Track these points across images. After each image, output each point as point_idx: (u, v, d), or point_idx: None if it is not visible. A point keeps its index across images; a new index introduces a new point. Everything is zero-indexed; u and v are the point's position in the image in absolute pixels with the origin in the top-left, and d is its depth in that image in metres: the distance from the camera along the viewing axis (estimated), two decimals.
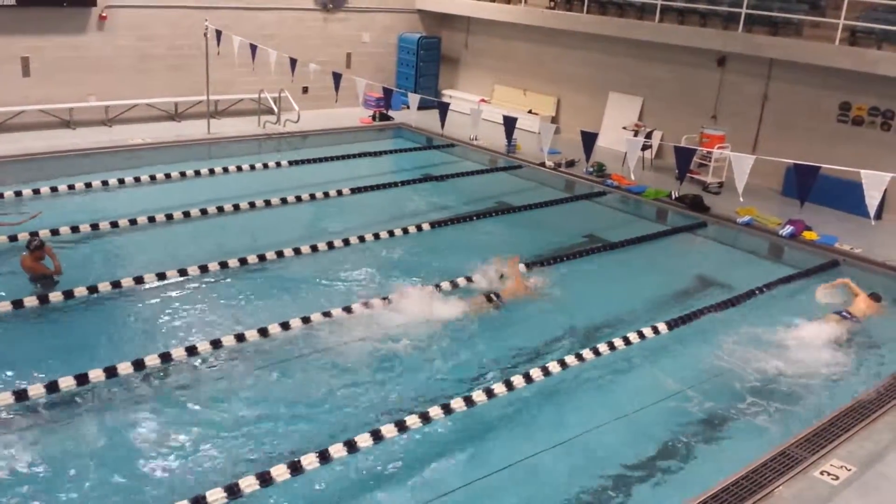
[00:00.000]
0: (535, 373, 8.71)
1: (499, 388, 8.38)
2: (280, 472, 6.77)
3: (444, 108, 15.10)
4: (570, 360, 9.09)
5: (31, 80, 16.95)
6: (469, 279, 10.98)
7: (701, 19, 17.08)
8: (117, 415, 7.65)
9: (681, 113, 17.81)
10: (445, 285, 10.72)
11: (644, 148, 15.14)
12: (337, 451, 7.11)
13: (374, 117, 20.08)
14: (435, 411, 7.86)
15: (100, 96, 17.81)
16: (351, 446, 7.19)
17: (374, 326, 9.48)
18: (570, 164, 17.09)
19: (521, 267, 11.25)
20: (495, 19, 20.87)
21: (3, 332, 9.03)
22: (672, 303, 11.11)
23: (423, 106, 15.50)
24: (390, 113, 20.21)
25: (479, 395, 8.22)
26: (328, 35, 20.90)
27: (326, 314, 9.63)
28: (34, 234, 10.86)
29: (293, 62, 16.11)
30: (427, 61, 22.07)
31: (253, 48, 16.25)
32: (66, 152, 15.44)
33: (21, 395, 7.59)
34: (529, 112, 20.39)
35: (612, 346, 9.47)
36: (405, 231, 12.77)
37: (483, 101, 21.35)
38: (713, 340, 9.91)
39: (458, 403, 8.02)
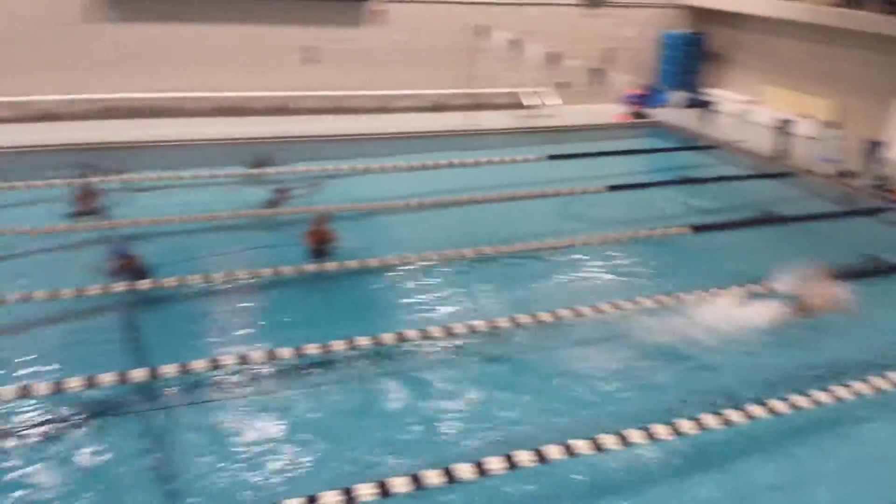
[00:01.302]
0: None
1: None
2: (525, 457, 6.79)
3: (707, 108, 14.46)
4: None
5: (315, 69, 18.42)
6: (763, 286, 10.28)
7: None
8: (376, 379, 8.16)
9: None
10: (735, 291, 10.15)
11: None
12: (611, 441, 7.04)
13: (631, 114, 19.71)
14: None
15: (372, 86, 19.00)
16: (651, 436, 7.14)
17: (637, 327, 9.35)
18: (849, 174, 15.66)
19: (829, 280, 10.36)
20: (769, 16, 19.64)
21: (283, 293, 9.95)
22: None
23: (684, 105, 14.94)
24: (648, 111, 19.72)
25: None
26: (590, 30, 20.76)
27: (575, 311, 9.57)
28: (320, 212, 11.74)
29: (554, 57, 16.18)
30: (690, 58, 21.24)
31: (518, 43, 16.54)
32: (339, 137, 16.63)
33: (301, 353, 8.28)
34: (805, 116, 18.97)
35: None
36: (662, 233, 12.39)
37: (751, 101, 20.18)
38: None
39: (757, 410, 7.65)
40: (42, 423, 7.22)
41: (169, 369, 7.72)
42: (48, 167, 12.98)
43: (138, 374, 7.64)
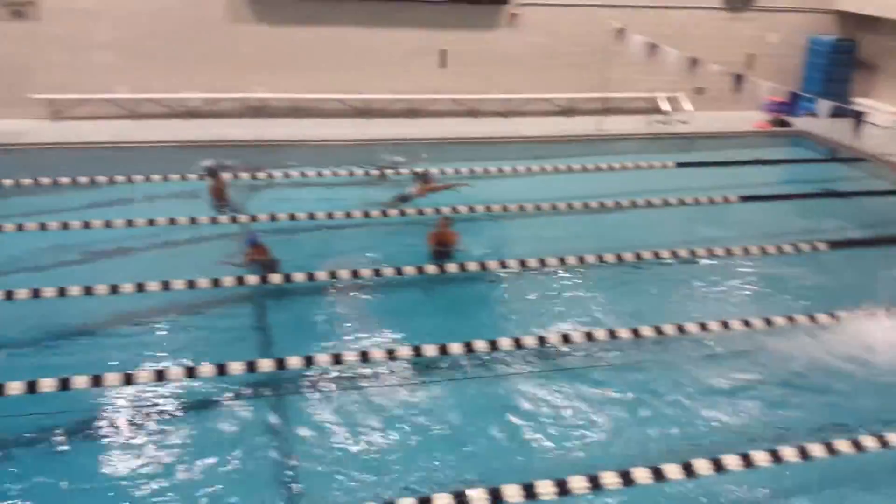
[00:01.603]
0: None
1: None
2: (642, 475, 6.65)
3: (858, 118, 13.65)
4: None
5: (446, 72, 18.65)
6: None
7: None
8: (490, 384, 8.17)
9: None
10: (874, 313, 9.56)
11: None
12: (762, 458, 6.85)
13: (771, 123, 18.87)
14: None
15: (503, 89, 19.04)
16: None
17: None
18: None
19: None
20: None
21: (404, 293, 10.12)
22: None
23: (832, 114, 14.16)
24: (791, 119, 18.83)
25: None
26: (731, 35, 20.02)
27: (700, 325, 9.27)
28: (444, 215, 11.83)
29: (693, 62, 15.71)
30: (838, 66, 20.12)
31: (653, 47, 16.16)
32: (469, 139, 16.76)
33: (417, 352, 8.41)
34: None
35: None
36: (797, 248, 11.81)
37: None
38: None
39: None
40: (174, 407, 7.61)
41: (294, 361, 8.01)
42: (191, 162, 13.72)
43: (265, 364, 7.97)
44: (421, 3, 17.94)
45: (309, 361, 8.08)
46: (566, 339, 8.87)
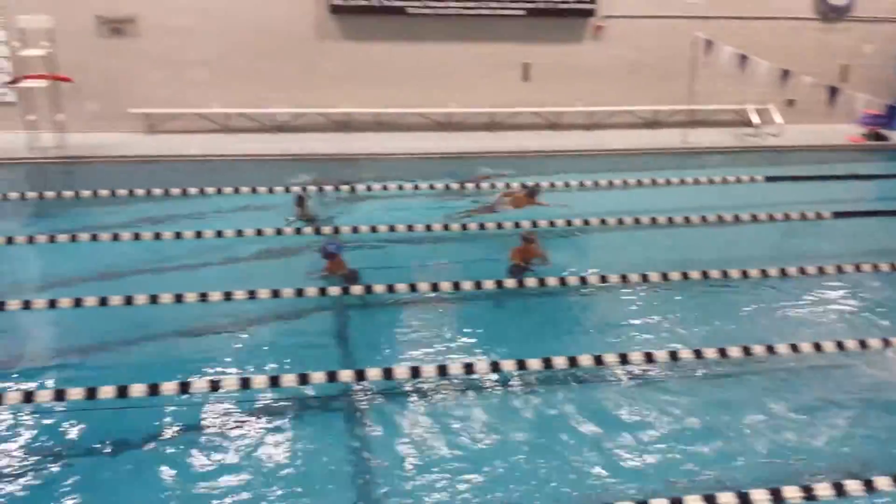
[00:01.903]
0: None
1: None
2: (727, 500, 6.46)
3: None
4: None
5: (529, 85, 18.65)
6: None
7: None
8: (568, 401, 8.07)
9: None
10: None
11: None
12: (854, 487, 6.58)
13: (866, 136, 18.17)
14: None
15: (586, 102, 18.90)
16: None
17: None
18: None
19: None
20: None
21: (482, 306, 10.13)
22: None
23: None
24: (888, 133, 18.09)
25: None
26: (824, 46, 19.42)
27: (791, 346, 8.95)
28: (530, 231, 11.70)
29: (784, 73, 15.30)
30: None
31: (743, 59, 15.81)
32: (551, 152, 16.68)
33: (496, 366, 8.36)
34: None
35: None
36: (894, 267, 11.29)
37: None
38: None
39: None
40: (257, 413, 7.78)
41: (373, 372, 8.09)
42: (278, 174, 14.05)
43: (345, 375, 8.08)
44: (504, 18, 18.00)
45: (387, 373, 8.14)
46: (649, 357, 8.67)
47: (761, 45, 18.24)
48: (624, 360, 8.57)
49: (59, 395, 7.54)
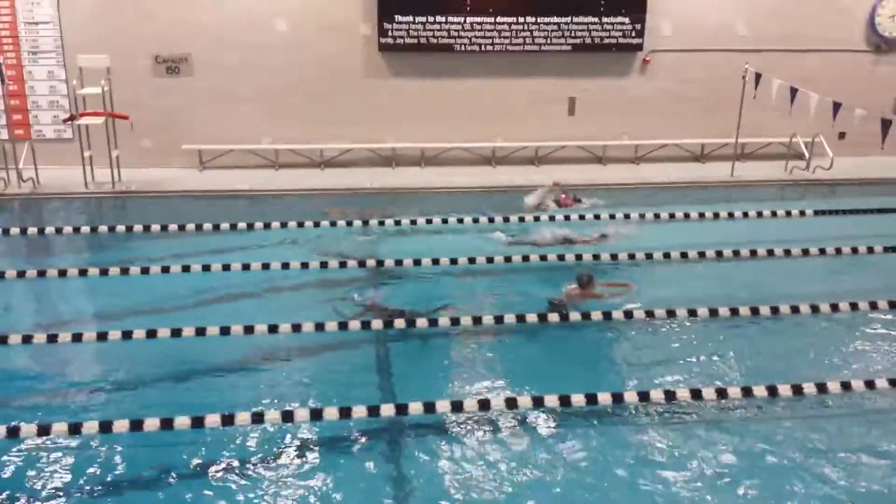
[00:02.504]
0: None
1: None
2: None
3: None
4: None
5: (574, 119, 18.66)
6: None
7: None
8: (613, 437, 7.94)
9: None
10: None
11: None
12: None
13: None
14: None
15: (632, 135, 18.83)
16: None
17: None
18: None
19: None
20: None
21: (526, 341, 10.08)
22: None
23: None
24: None
25: None
26: (877, 78, 19.07)
27: (843, 384, 8.69)
28: (589, 276, 11.46)
29: (836, 106, 15.07)
30: None
31: (793, 91, 15.63)
32: (597, 185, 16.62)
33: (539, 402, 8.30)
34: None
35: None
36: None
37: None
38: None
39: None
40: (298, 446, 7.81)
41: (414, 407, 8.08)
42: (324, 209, 14.24)
43: (386, 409, 8.08)
44: (550, 53, 18.10)
45: (429, 408, 8.12)
46: (696, 394, 8.52)
47: (812, 77, 18.03)
48: (670, 396, 8.44)
49: (105, 428, 7.67)
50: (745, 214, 14.83)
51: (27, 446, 7.60)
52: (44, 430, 7.63)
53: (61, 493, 7.02)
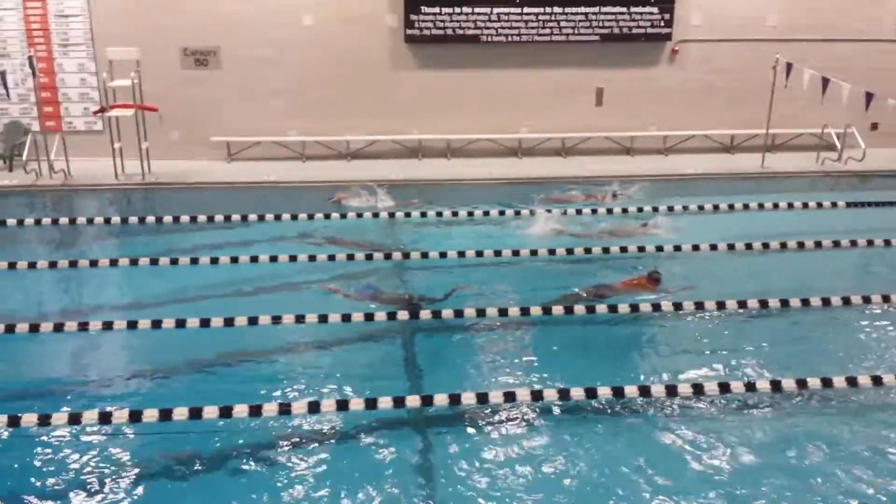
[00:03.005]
0: None
1: None
2: None
3: None
4: None
5: (602, 110, 18.54)
6: None
7: None
8: (649, 429, 7.90)
9: None
10: None
11: None
12: None
13: None
14: None
15: (660, 126, 18.68)
16: None
17: None
18: None
19: None
20: None
21: (553, 334, 10.05)
22: None
23: None
24: None
25: None
26: None
27: (873, 378, 8.57)
28: (655, 270, 11.32)
29: (868, 96, 14.84)
30: None
31: (825, 81, 15.40)
32: (624, 177, 16.49)
33: (565, 394, 8.27)
34: None
35: None
36: None
37: None
38: None
39: None
40: (325, 437, 7.84)
41: (440, 398, 8.09)
42: (353, 200, 14.36)
43: (412, 400, 8.11)
44: (578, 43, 17.98)
45: (454, 399, 8.13)
46: (724, 387, 8.45)
47: (843, 68, 17.74)
48: (698, 390, 8.38)
49: (135, 417, 7.77)
50: (776, 206, 14.70)
51: (58, 434, 7.71)
52: (74, 419, 7.75)
53: (89, 481, 7.10)
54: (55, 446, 7.60)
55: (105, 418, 7.77)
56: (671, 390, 8.33)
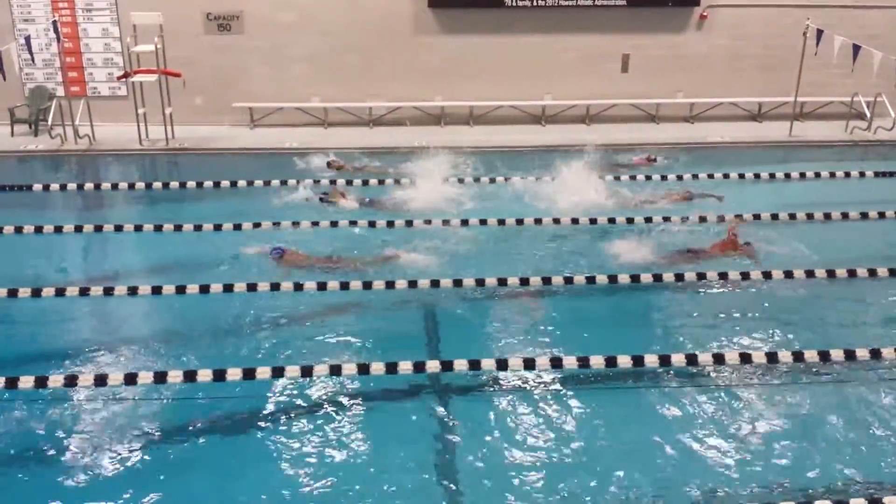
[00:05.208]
0: None
1: None
2: None
3: None
4: None
5: (628, 76, 18.30)
6: None
7: None
8: (671, 397, 7.88)
9: None
10: None
11: None
12: None
13: None
14: None
15: (687, 93, 18.41)
16: None
17: None
18: None
19: None
20: None
21: (579, 303, 10.03)
22: None
23: None
24: None
25: None
26: None
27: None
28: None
29: None
30: None
31: (856, 49, 15.08)
32: (650, 145, 16.31)
33: (584, 362, 8.26)
34: None
35: None
36: None
37: None
38: None
39: None
40: (345, 401, 7.90)
41: (460, 364, 8.12)
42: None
43: (431, 366, 8.15)
44: (604, 8, 17.71)
45: (474, 365, 8.16)
46: (745, 358, 8.41)
47: (875, 35, 17.34)
48: (719, 360, 8.35)
49: (161, 378, 7.89)
50: (803, 175, 14.49)
51: (84, 395, 7.84)
52: (100, 380, 7.88)
53: (111, 443, 7.21)
54: (81, 408, 7.73)
55: (131, 379, 7.88)
56: (691, 359, 8.33)
